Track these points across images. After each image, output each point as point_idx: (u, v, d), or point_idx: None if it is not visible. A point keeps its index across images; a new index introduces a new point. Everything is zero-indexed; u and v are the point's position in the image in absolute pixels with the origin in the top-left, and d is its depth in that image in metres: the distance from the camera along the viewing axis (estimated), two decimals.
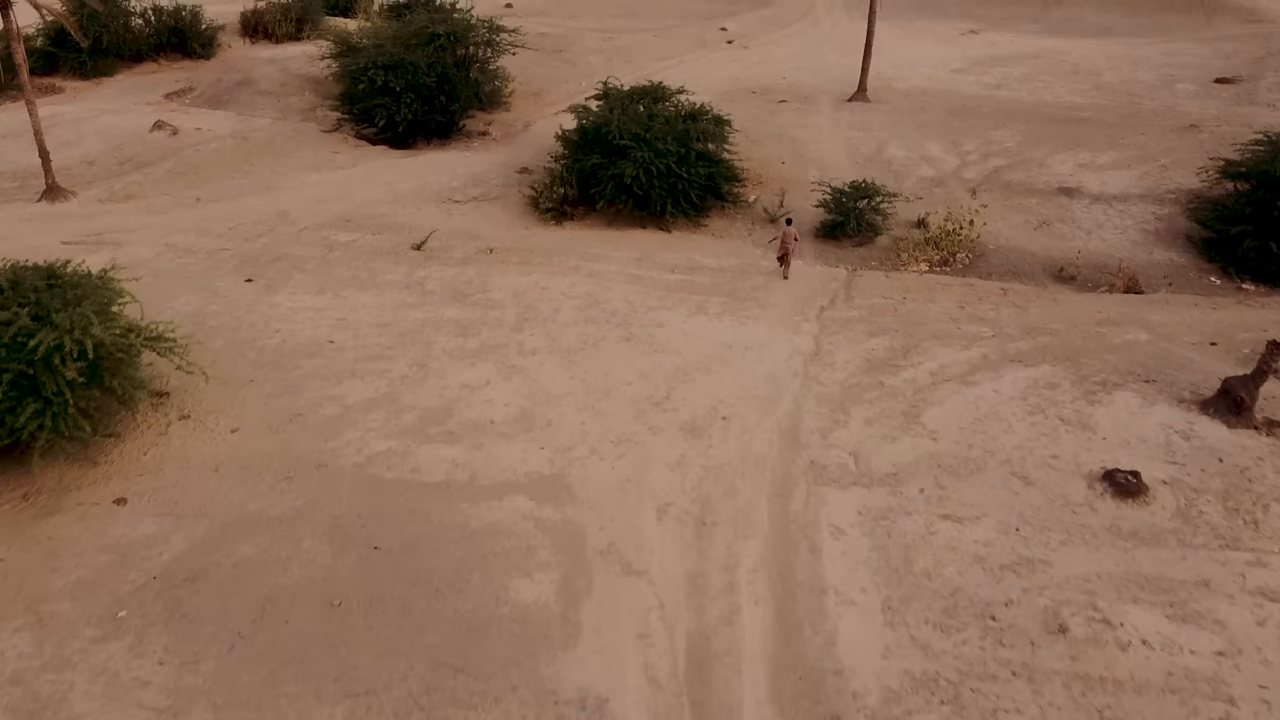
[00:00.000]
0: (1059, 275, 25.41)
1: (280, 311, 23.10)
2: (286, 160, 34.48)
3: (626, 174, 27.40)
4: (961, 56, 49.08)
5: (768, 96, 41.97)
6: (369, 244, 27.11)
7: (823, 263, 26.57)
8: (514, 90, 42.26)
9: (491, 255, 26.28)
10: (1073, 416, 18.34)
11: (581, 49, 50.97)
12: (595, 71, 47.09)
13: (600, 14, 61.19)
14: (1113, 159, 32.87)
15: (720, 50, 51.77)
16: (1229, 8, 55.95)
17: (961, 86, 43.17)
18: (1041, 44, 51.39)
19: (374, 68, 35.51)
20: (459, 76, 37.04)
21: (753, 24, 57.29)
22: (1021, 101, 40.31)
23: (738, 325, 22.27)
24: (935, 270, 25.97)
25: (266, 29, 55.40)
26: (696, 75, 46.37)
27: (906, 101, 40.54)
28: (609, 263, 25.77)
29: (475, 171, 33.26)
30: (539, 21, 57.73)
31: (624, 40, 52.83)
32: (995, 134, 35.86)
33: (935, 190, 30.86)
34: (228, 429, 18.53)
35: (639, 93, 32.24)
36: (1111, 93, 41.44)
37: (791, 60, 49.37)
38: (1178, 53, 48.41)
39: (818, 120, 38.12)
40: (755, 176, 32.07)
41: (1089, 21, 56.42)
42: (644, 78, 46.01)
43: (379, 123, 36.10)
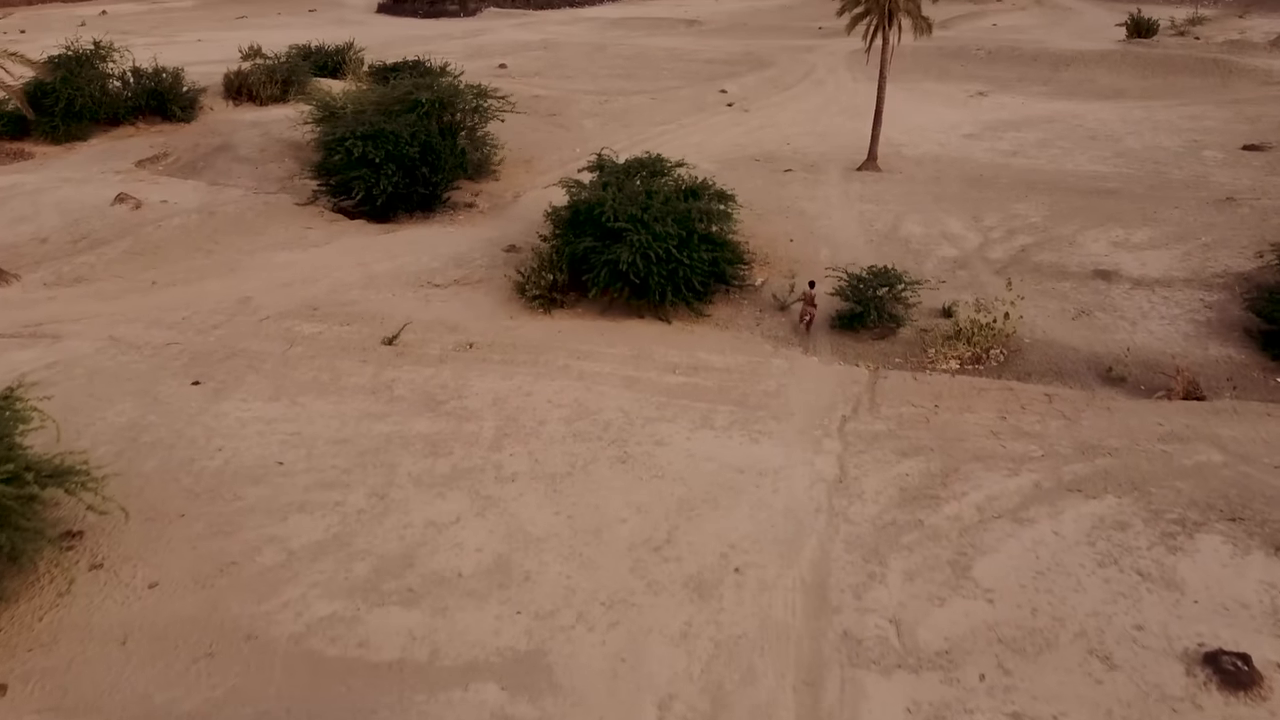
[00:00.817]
0: (1107, 376, 22.39)
1: (226, 424, 20.00)
2: (255, 238, 31.58)
3: (622, 260, 24.48)
4: (973, 120, 46.56)
5: (772, 164, 39.29)
6: (335, 337, 24.10)
7: (841, 359, 23.56)
8: (503, 158, 39.57)
9: (471, 352, 23.26)
10: (1153, 569, 15.20)
11: (576, 113, 48.44)
12: (590, 137, 44.55)
13: (596, 75, 58.87)
14: (1149, 236, 30.06)
15: (720, 113, 49.28)
16: (1245, 70, 53.67)
17: (976, 154, 40.53)
18: (1054, 107, 48.95)
19: (352, 138, 32.75)
20: (444, 146, 34.31)
21: (753, 86, 54.90)
22: (1041, 170, 37.62)
23: (750, 443, 19.19)
24: (967, 369, 22.95)
25: (250, 91, 52.89)
26: (696, 140, 43.80)
27: (920, 170, 37.85)
28: (602, 361, 22.74)
29: (458, 250, 30.36)
30: (533, 83, 55.35)
31: (620, 103, 50.35)
32: (1018, 207, 33.09)
33: (959, 273, 27.96)
34: (145, 583, 15.35)
35: (635, 165, 29.49)
36: (1136, 161, 38.80)
37: (795, 124, 46.84)
38: (1199, 116, 45.96)
39: (827, 192, 35.37)
40: (762, 256, 29.19)
41: (1101, 83, 54.07)
42: (641, 143, 43.49)
43: (357, 195, 33.29)
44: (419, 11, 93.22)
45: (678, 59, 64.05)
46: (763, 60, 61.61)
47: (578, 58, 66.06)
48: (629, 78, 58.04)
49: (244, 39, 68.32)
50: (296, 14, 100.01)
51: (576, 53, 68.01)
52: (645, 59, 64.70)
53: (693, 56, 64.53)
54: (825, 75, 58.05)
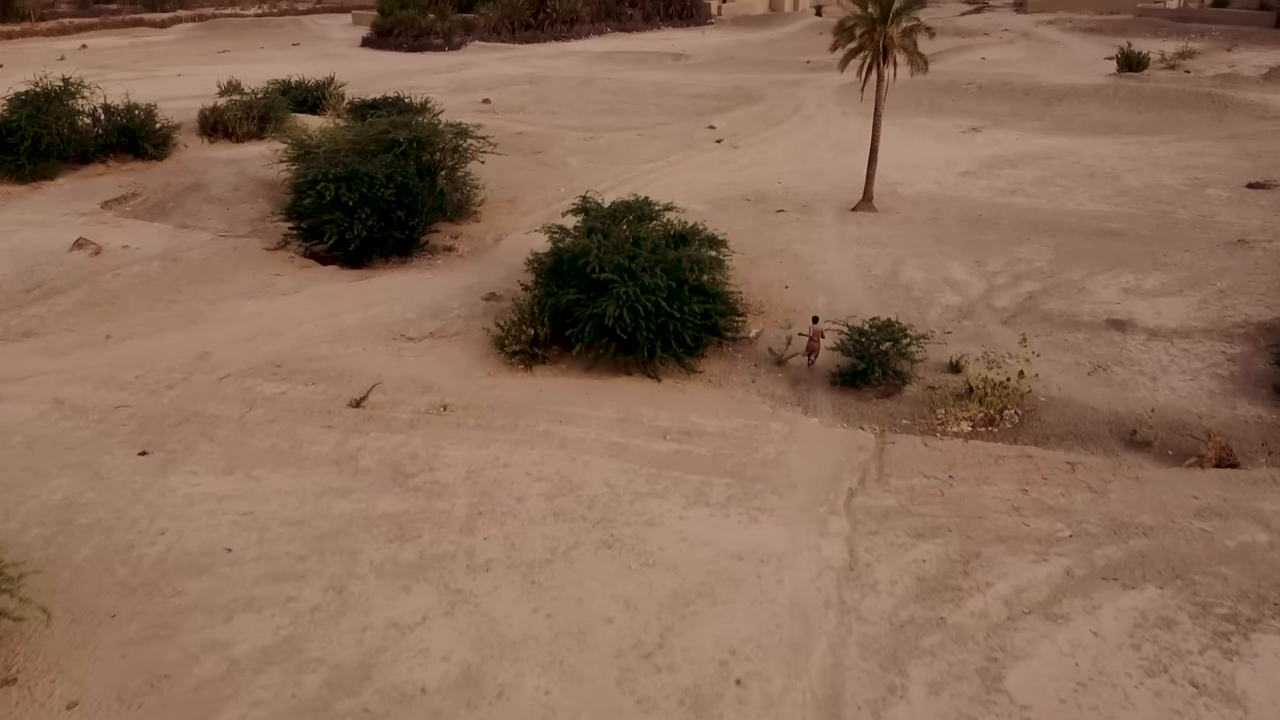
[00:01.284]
0: (1131, 440, 20.65)
1: (173, 502, 18.04)
2: (220, 286, 29.67)
3: (608, 314, 22.68)
4: (967, 157, 45.14)
5: (764, 204, 37.68)
6: (299, 399, 22.17)
7: (844, 421, 21.76)
8: (485, 198, 37.85)
9: (445, 415, 21.36)
10: (1208, 679, 13.36)
11: (561, 150, 46.83)
12: (575, 175, 42.93)
13: (582, 111, 57.38)
14: (1161, 282, 28.47)
15: (709, 150, 47.75)
16: (1240, 104, 52.55)
17: (973, 192, 39.03)
18: (1050, 143, 47.61)
19: (324, 180, 30.95)
20: (421, 188, 32.55)
21: (742, 121, 53.47)
22: (1042, 210, 36.11)
23: (749, 522, 17.32)
24: (980, 431, 21.18)
25: (226, 128, 51.16)
26: (685, 179, 42.22)
27: (917, 211, 36.29)
28: (586, 426, 20.87)
29: (435, 299, 28.52)
30: (517, 119, 53.79)
31: (606, 140, 48.79)
32: (1021, 250, 31.50)
33: (964, 323, 26.27)
34: (63, 702, 13.34)
35: (622, 209, 27.79)
36: (1138, 199, 37.34)
37: (786, 161, 45.33)
38: (1198, 152, 44.65)
39: (822, 234, 33.73)
40: (756, 304, 27.46)
41: (1094, 118, 52.83)
42: (628, 181, 41.88)
43: (329, 240, 31.48)
44: (404, 45, 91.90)
45: (665, 94, 62.70)
46: (751, 95, 60.27)
47: (563, 92, 64.65)
48: (615, 113, 56.58)
49: (225, 73, 66.71)
50: (280, 48, 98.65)
51: (562, 87, 66.62)
52: (632, 94, 63.34)
53: (680, 91, 63.19)
54: (815, 110, 56.72)
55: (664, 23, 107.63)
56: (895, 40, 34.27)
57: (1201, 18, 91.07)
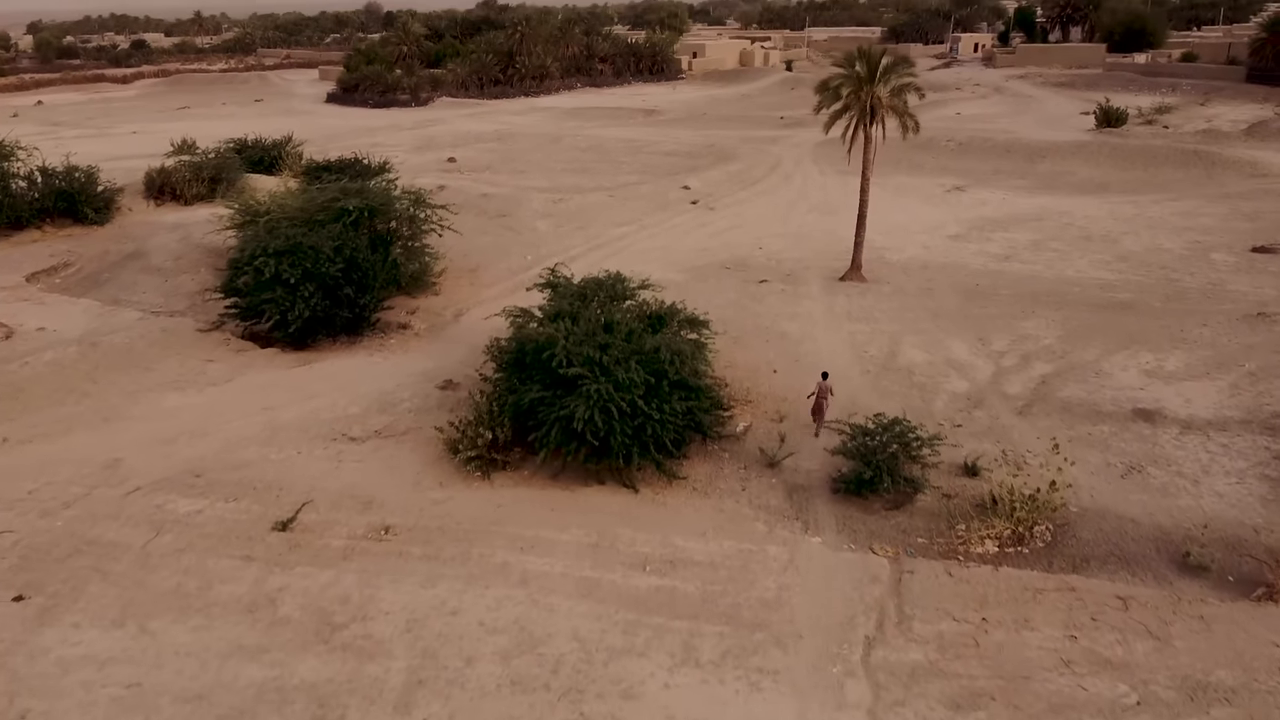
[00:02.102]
0: (1184, 563, 17.65)
1: (42, 669, 14.58)
2: (143, 375, 26.27)
3: (577, 416, 19.51)
4: (955, 219, 42.70)
5: (745, 273, 34.85)
6: (216, 520, 18.78)
7: (851, 541, 18.63)
8: (445, 269, 34.78)
9: (386, 541, 18.05)
10: None
11: (528, 213, 43.94)
12: (543, 240, 40.01)
13: (551, 170, 54.68)
14: (1183, 363, 25.76)
15: (684, 212, 45.04)
16: (1228, 162, 50.65)
17: (966, 258, 36.43)
18: (1038, 203, 45.32)
19: (263, 255, 27.76)
20: (373, 261, 29.42)
21: (718, 181, 50.92)
22: (1041, 279, 33.50)
23: (750, 690, 14.06)
24: (1008, 552, 18.12)
25: (174, 190, 47.99)
26: (660, 244, 39.42)
27: (908, 280, 33.57)
28: (552, 554, 17.62)
29: (384, 388, 25.26)
30: (482, 180, 50.96)
31: (576, 202, 45.98)
32: (1027, 326, 28.75)
33: (975, 413, 23.35)
34: None
35: (593, 286, 24.75)
36: (1141, 266, 34.85)
37: (765, 224, 42.67)
38: (1192, 213, 42.45)
39: (809, 307, 30.87)
40: (742, 392, 24.46)
41: (1080, 176, 50.74)
42: (599, 247, 39.02)
43: (268, 321, 28.23)
44: (369, 101, 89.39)
45: (636, 151, 60.23)
46: (726, 153, 57.88)
47: (532, 150, 62.06)
48: (585, 172, 53.92)
49: (184, 130, 63.65)
50: (243, 104, 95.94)
51: (530, 145, 64.06)
52: (602, 151, 60.83)
53: (652, 149, 60.75)
54: (792, 169, 54.33)
55: (634, 78, 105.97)
56: (884, 101, 31.75)
57: (1171, 72, 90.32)
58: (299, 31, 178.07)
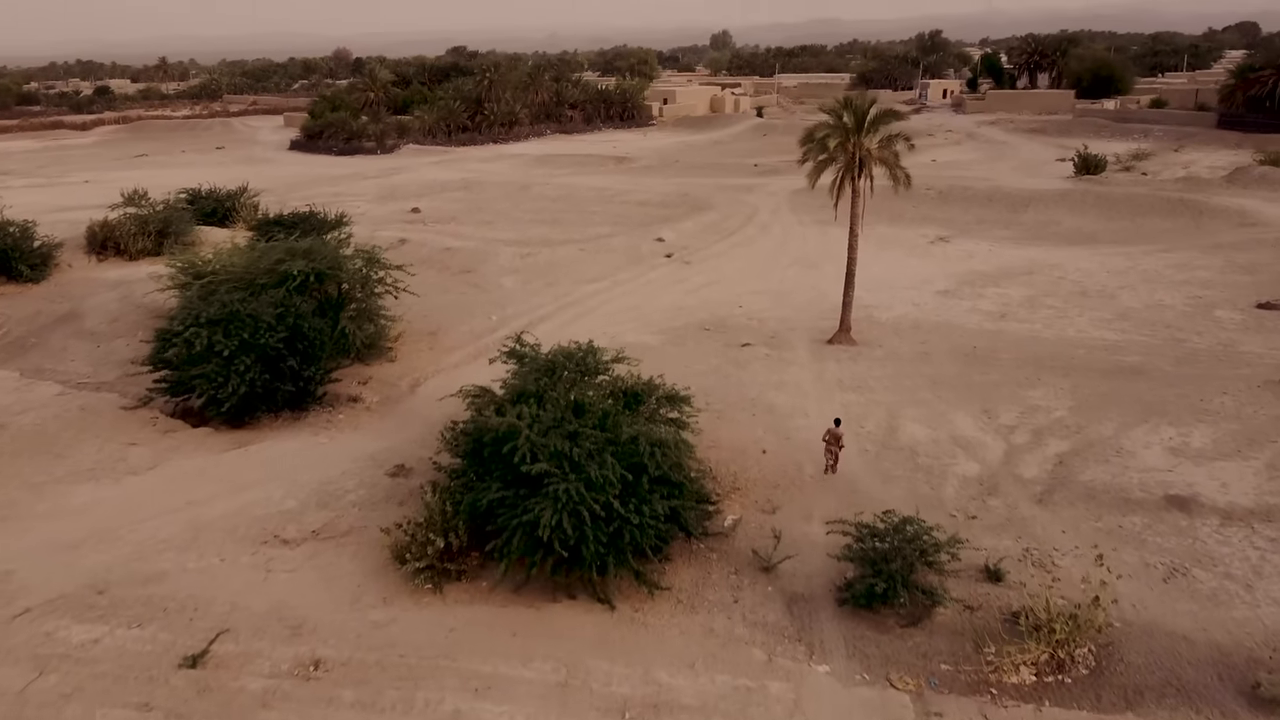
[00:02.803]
0: (1253, 694, 15.01)
1: None
2: (53, 463, 23.15)
3: (543, 523, 16.66)
4: (943, 273, 40.45)
5: (726, 335, 32.26)
6: (114, 652, 15.71)
7: (864, 668, 15.82)
8: (402, 332, 31.95)
9: (314, 681, 15.04)
10: None
11: (494, 268, 41.25)
12: (509, 299, 37.29)
13: (519, 221, 52.12)
14: (1210, 439, 23.32)
15: (659, 266, 42.52)
16: (1216, 210, 48.96)
17: (958, 316, 34.06)
18: (1027, 255, 43.22)
19: (194, 325, 24.84)
20: (320, 328, 26.54)
21: (693, 233, 48.52)
22: (1043, 340, 31.13)
23: None
24: (1047, 681, 15.40)
25: (119, 244, 44.97)
26: (633, 302, 36.81)
27: (901, 343, 31.10)
28: (512, 696, 14.68)
29: (327, 476, 22.29)
30: (446, 232, 48.27)
31: (545, 256, 43.36)
32: (1034, 395, 26.29)
33: (990, 502, 20.72)
34: None
35: (561, 359, 21.95)
36: (1144, 324, 32.61)
37: (745, 279, 40.21)
38: (1187, 265, 40.47)
39: (798, 375, 28.27)
40: (729, 477, 21.73)
41: (1066, 226, 48.84)
42: (569, 306, 36.36)
43: (200, 398, 25.24)
44: (333, 149, 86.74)
45: (608, 200, 57.87)
46: (700, 202, 55.62)
47: (499, 199, 59.55)
48: (555, 223, 51.39)
49: (139, 179, 60.62)
50: (204, 151, 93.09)
51: (498, 194, 61.58)
52: (573, 200, 58.42)
53: (624, 198, 58.41)
54: (769, 218, 52.11)
55: (605, 124, 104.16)
56: (873, 153, 29.47)
57: (1142, 118, 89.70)
58: (266, 78, 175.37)
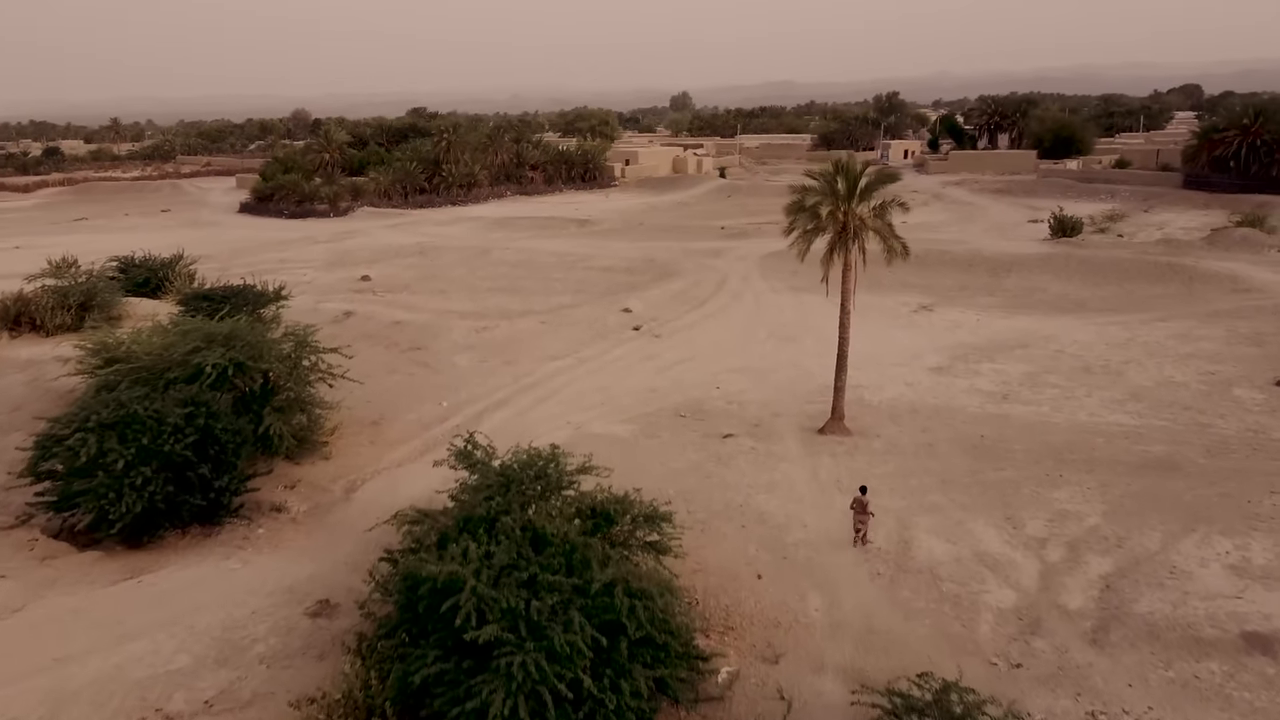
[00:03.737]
0: None
1: None
2: None
3: (493, 712, 12.76)
4: (932, 346, 37.29)
5: (704, 423, 28.64)
6: None
7: None
8: (339, 423, 28.03)
9: None
10: None
11: (447, 345, 37.46)
12: (463, 380, 33.48)
13: (476, 289, 48.47)
14: (1274, 553, 19.95)
15: (627, 340, 38.98)
16: (1206, 275, 46.52)
17: (958, 398, 30.75)
18: (1017, 325, 40.27)
19: (82, 429, 20.80)
20: (236, 428, 22.56)
21: (661, 302, 45.14)
22: (1054, 426, 27.84)
23: None
24: None
25: (34, 319, 40.61)
26: (600, 383, 33.14)
27: (901, 432, 27.65)
28: None
29: (233, 618, 18.16)
30: (397, 303, 44.49)
31: (504, 330, 39.67)
32: (1059, 497, 22.87)
33: (1035, 643, 17.07)
34: None
35: (516, 471, 18.12)
36: (1161, 406, 29.48)
37: (720, 355, 36.75)
38: (1188, 336, 37.63)
39: (789, 473, 24.67)
40: (720, 612, 17.97)
41: (1052, 292, 46.10)
42: (529, 388, 32.58)
43: (86, 517, 21.07)
44: (284, 211, 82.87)
45: (570, 266, 54.48)
46: (667, 268, 52.39)
47: (455, 265, 55.97)
48: (514, 292, 47.81)
49: (74, 245, 56.40)
50: (149, 214, 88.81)
51: (455, 259, 58.02)
52: (533, 266, 54.97)
53: (587, 263, 55.08)
54: (741, 286, 48.90)
55: (566, 185, 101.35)
56: (866, 222, 26.30)
57: (1107, 178, 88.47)
58: (222, 139, 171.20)
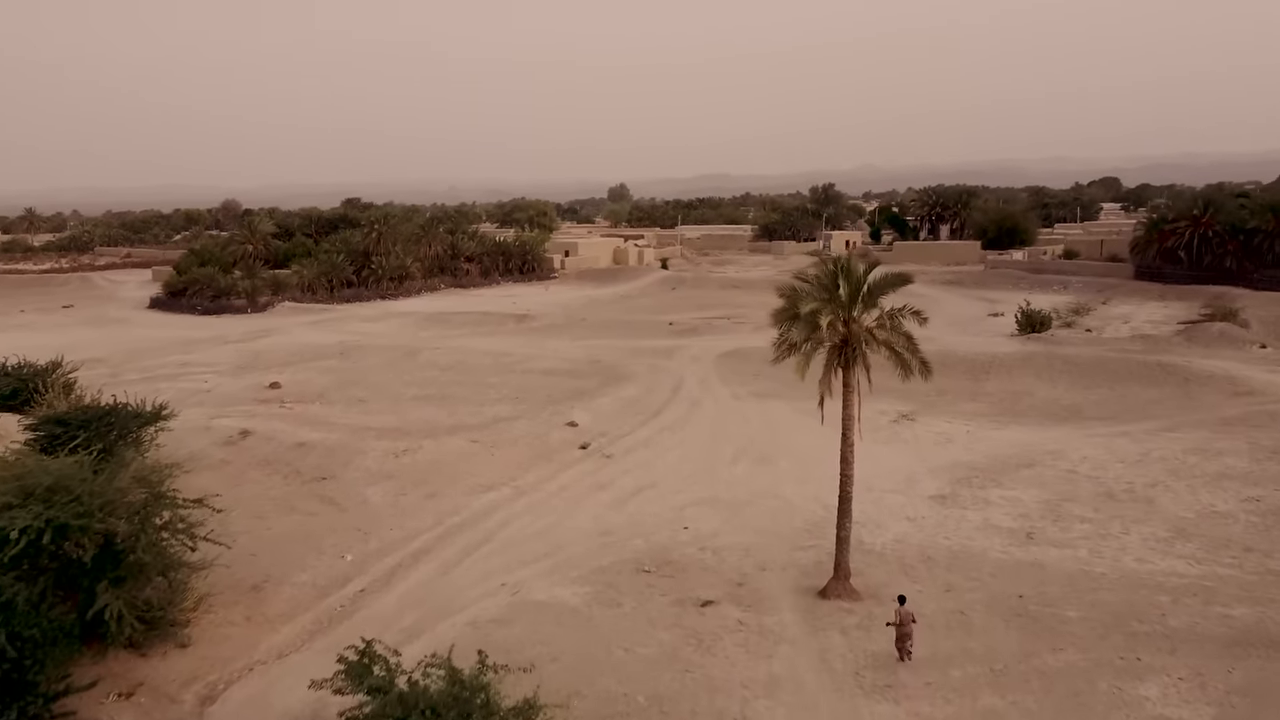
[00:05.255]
0: None
1: None
2: None
3: None
4: (925, 466, 31.97)
5: (674, 581, 22.62)
6: None
7: None
8: (205, 595, 21.46)
9: None
10: None
11: (359, 473, 31.07)
12: (375, 521, 27.12)
13: (400, 398, 42.21)
14: None
15: (573, 462, 32.99)
16: (1200, 376, 42.26)
17: (974, 537, 25.25)
18: (1012, 437, 35.23)
19: None
20: (47, 622, 16.08)
21: (611, 413, 39.34)
22: (1101, 579, 22.36)
23: None
24: None
25: None
26: (543, 525, 27.04)
27: (919, 592, 21.79)
28: None
29: None
30: (306, 417, 37.99)
31: (429, 451, 33.39)
32: (1147, 697, 17.18)
33: None
34: None
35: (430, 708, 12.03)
36: (1216, 546, 24.27)
37: (684, 481, 30.92)
38: (1206, 449, 32.82)
39: (793, 663, 18.65)
40: None
41: (1041, 397, 41.38)
42: (456, 530, 26.26)
43: None
44: (198, 307, 75.86)
45: (508, 369, 48.55)
46: (615, 371, 46.72)
47: (379, 369, 49.66)
48: (443, 401, 41.66)
49: None
50: (48, 311, 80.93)
51: (379, 362, 51.72)
52: (466, 370, 48.94)
53: (527, 365, 49.21)
54: (699, 391, 43.37)
55: (504, 278, 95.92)
56: (876, 334, 21.05)
57: (1057, 269, 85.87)
58: (146, 229, 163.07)
